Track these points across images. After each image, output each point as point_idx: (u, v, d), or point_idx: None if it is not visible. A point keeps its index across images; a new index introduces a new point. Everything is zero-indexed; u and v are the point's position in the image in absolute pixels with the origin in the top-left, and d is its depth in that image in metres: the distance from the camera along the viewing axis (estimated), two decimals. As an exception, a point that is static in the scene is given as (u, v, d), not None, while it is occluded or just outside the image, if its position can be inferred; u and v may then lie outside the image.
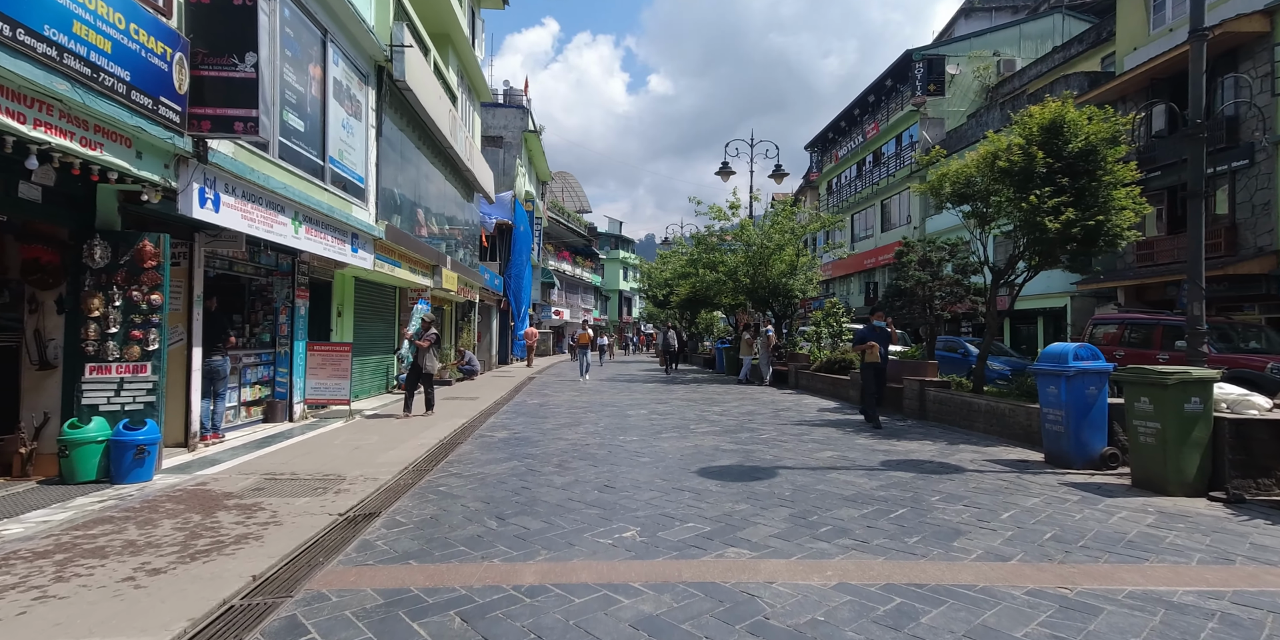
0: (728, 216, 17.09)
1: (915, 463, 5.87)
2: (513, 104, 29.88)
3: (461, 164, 15.14)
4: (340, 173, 8.78)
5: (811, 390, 13.14)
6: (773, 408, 10.52)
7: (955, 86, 28.03)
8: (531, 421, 8.94)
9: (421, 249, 12.02)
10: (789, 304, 16.74)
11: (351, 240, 8.95)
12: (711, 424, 8.55)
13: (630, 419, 9.13)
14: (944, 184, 8.23)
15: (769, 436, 7.43)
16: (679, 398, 12.28)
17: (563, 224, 40.40)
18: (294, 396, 8.48)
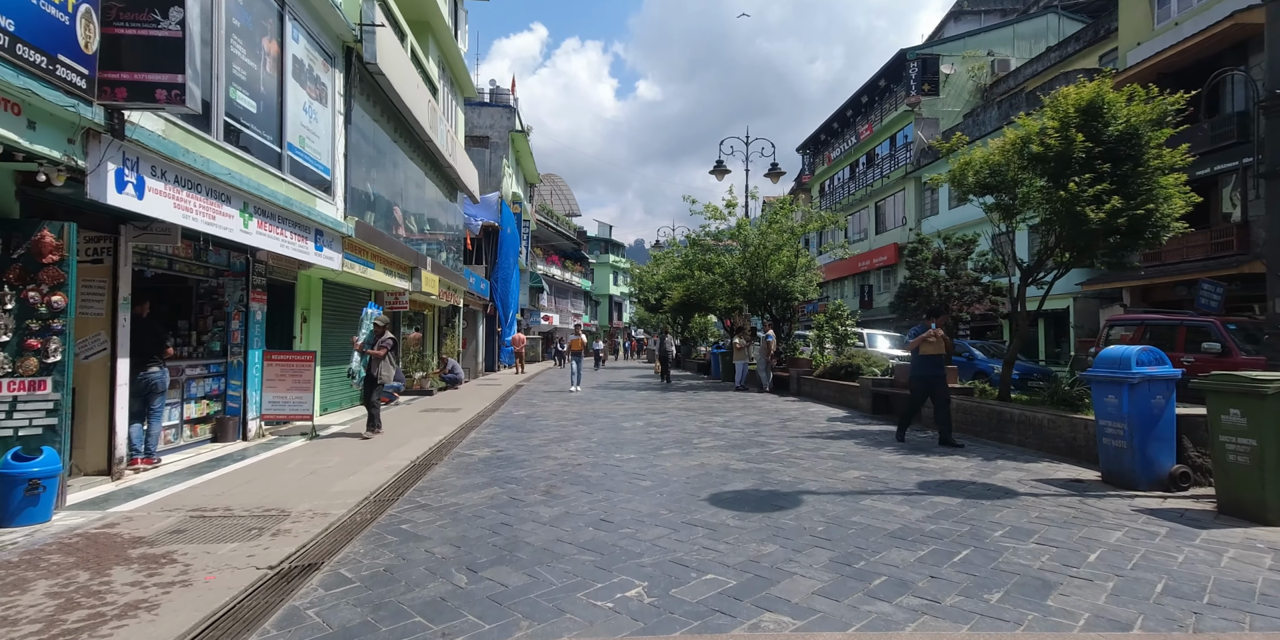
0: (724, 216, 16.36)
1: (956, 484, 5.09)
2: (499, 103, 29.08)
3: (443, 160, 14.29)
4: (302, 162, 7.92)
5: (816, 397, 12.38)
6: (778, 418, 9.73)
7: (950, 86, 27.61)
8: (517, 437, 8.09)
9: (398, 249, 11.15)
10: (788, 307, 16.00)
11: (315, 237, 8.08)
12: (715, 438, 7.74)
13: (626, 432, 8.31)
14: (967, 173, 7.52)
15: (782, 452, 6.63)
16: (676, 407, 11.47)
17: (551, 227, 39.57)
18: (248, 412, 7.57)
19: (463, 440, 7.82)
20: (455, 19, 16.71)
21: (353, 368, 7.83)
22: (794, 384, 13.58)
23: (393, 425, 8.87)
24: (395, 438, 7.72)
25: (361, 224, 9.37)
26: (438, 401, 12.37)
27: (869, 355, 11.64)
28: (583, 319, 49.31)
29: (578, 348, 15.64)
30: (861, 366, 11.22)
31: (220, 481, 5.44)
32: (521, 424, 9.32)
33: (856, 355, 11.66)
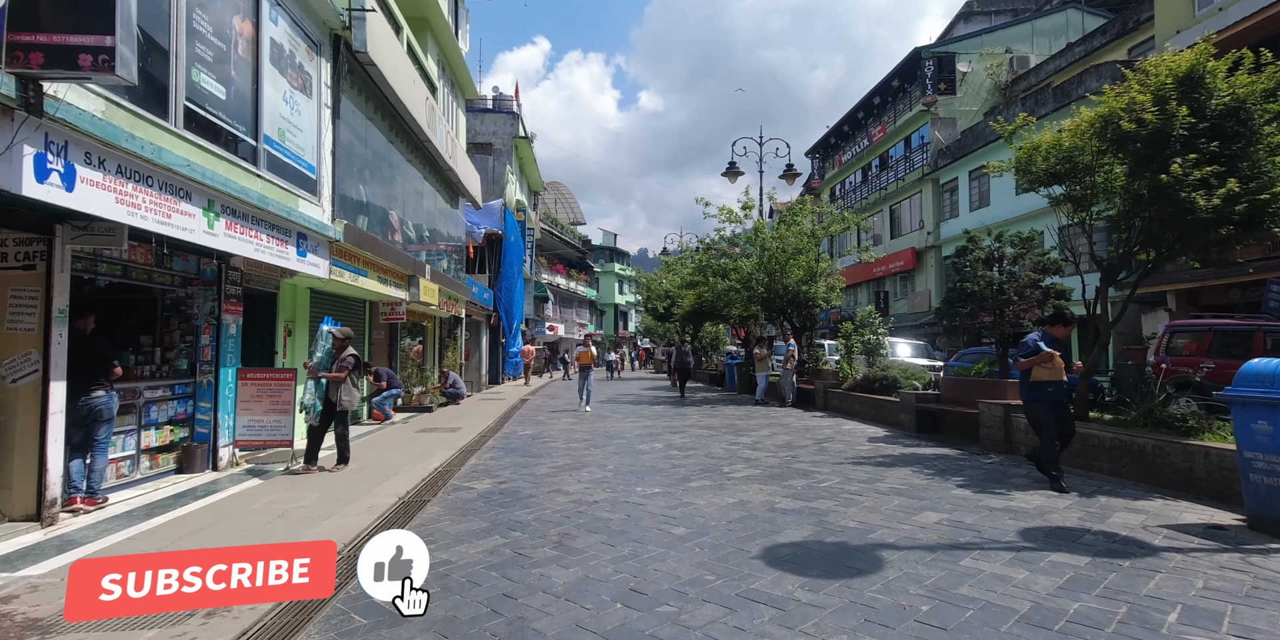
0: (739, 219, 15.48)
1: (1067, 534, 4.14)
2: (502, 109, 28.44)
3: (443, 163, 13.50)
4: (282, 158, 7.10)
5: (847, 413, 11.41)
6: (812, 437, 8.78)
7: (967, 85, 26.77)
8: (522, 463, 7.16)
9: (393, 256, 10.31)
10: (808, 314, 15.07)
11: (297, 241, 7.23)
12: (748, 464, 6.80)
13: (645, 457, 7.38)
14: (1035, 160, 6.61)
15: (832, 484, 5.68)
16: (696, 424, 10.52)
17: (556, 236, 38.86)
18: (219, 439, 6.69)
19: (461, 468, 6.90)
20: (456, 17, 16.00)
21: (305, 402, 6.67)
22: (820, 398, 12.62)
23: (385, 450, 7.97)
24: (384, 467, 6.81)
25: (351, 228, 8.54)
26: (437, 419, 11.47)
27: (905, 367, 10.68)
28: (588, 328, 48.45)
29: (586, 361, 13.38)
30: (899, 379, 10.26)
31: (168, 528, 4.54)
32: (527, 447, 8.40)
33: (892, 367, 10.70)
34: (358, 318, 11.10)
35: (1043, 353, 5.45)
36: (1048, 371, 5.47)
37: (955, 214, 25.14)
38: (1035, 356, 5.48)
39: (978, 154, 23.30)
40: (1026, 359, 5.54)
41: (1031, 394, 5.58)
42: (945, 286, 23.99)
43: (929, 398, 8.92)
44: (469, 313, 19.34)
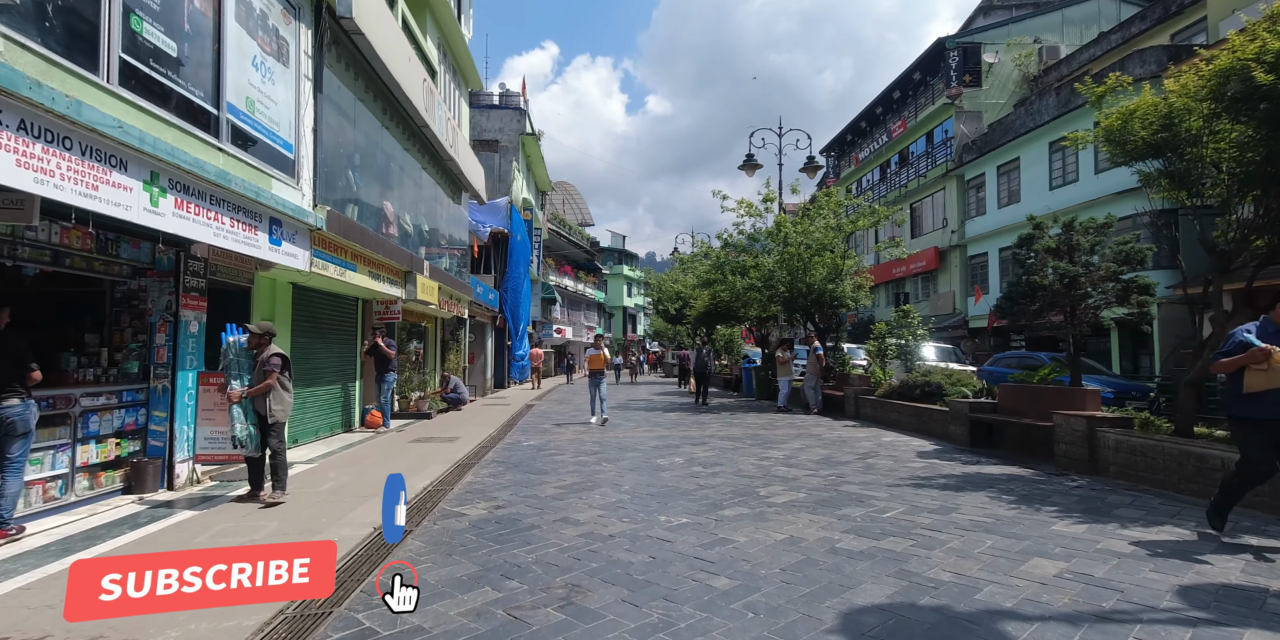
0: (759, 212, 14.50)
1: (1239, 594, 3.14)
2: (509, 106, 27.65)
3: (443, 152, 12.63)
4: (250, 131, 6.21)
5: (882, 422, 10.38)
6: (851, 451, 7.78)
7: (993, 77, 25.70)
8: (525, 481, 6.22)
9: (386, 249, 9.42)
10: (834, 315, 14.06)
11: (270, 227, 6.35)
12: (788, 485, 5.82)
13: (665, 475, 6.41)
14: (1132, 125, 5.60)
15: (897, 514, 4.70)
16: (717, 435, 9.54)
17: (564, 237, 38.01)
18: (176, 453, 5.80)
19: (454, 488, 5.96)
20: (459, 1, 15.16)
21: (238, 435, 5.31)
22: (850, 405, 11.60)
23: (369, 464, 7.05)
24: (364, 486, 5.88)
25: (336, 215, 7.65)
26: (435, 427, 10.55)
27: (950, 372, 9.66)
28: (596, 331, 47.57)
29: (598, 366, 11.40)
30: (943, 386, 9.24)
31: (76, 575, 3.62)
32: (531, 461, 7.45)
33: (934, 372, 9.68)
34: (349, 318, 10.22)
35: (1255, 349, 3.75)
36: (1263, 376, 3.73)
37: (982, 212, 24.04)
38: (1243, 355, 3.80)
39: (1007, 147, 22.22)
40: (1230, 358, 3.89)
41: (1244, 409, 3.88)
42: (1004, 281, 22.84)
43: (984, 407, 7.90)
44: (473, 314, 18.47)
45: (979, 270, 24.37)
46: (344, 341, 10.06)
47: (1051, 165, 20.54)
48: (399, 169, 11.24)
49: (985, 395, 8.52)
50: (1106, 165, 18.64)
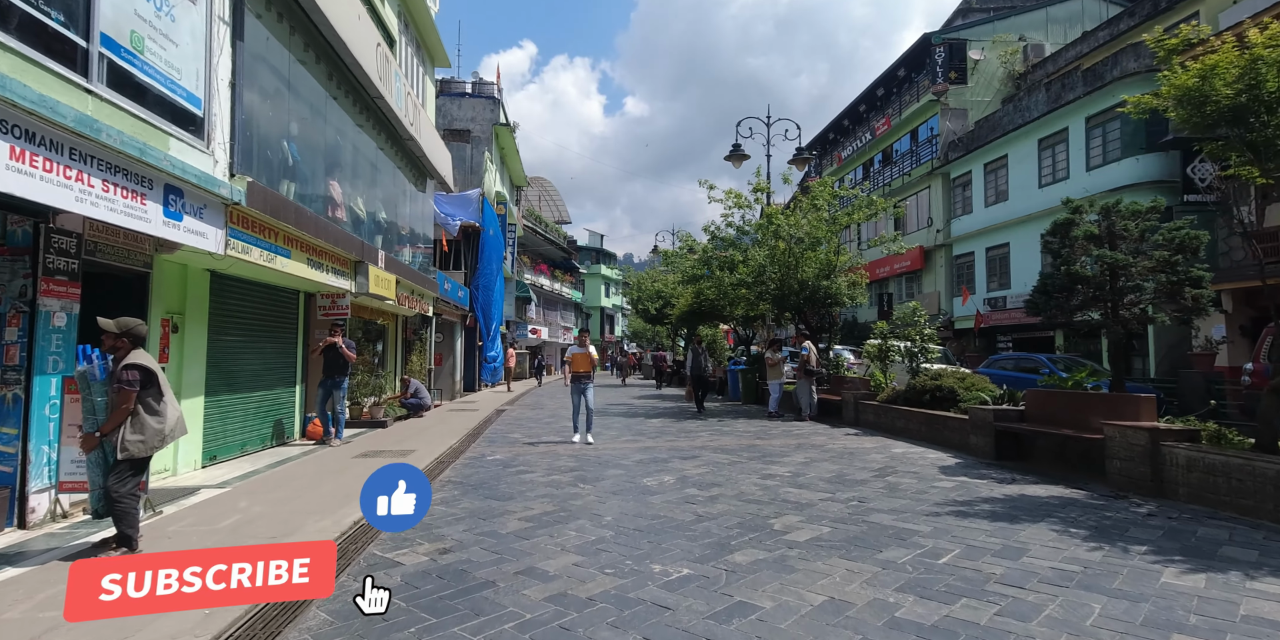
0: (748, 204, 13.54)
1: None
2: (482, 94, 26.33)
3: (402, 131, 11.40)
4: (137, 74, 4.98)
5: (888, 430, 9.45)
6: (865, 466, 6.80)
7: (979, 74, 25.23)
8: (483, 511, 5.09)
9: (331, 235, 8.19)
10: (827, 314, 13.16)
11: (165, 197, 5.12)
12: (803, 513, 4.79)
13: (655, 499, 5.34)
14: (1212, 85, 4.69)
15: (954, 559, 3.69)
16: (708, 445, 8.51)
17: (540, 234, 36.74)
18: (30, 481, 4.54)
19: (394, 521, 4.79)
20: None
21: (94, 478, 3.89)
22: (849, 411, 10.66)
23: (293, 489, 5.82)
24: (273, 523, 4.68)
25: (260, 189, 6.42)
26: (388, 438, 9.32)
27: (962, 375, 8.76)
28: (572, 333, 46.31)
29: (583, 368, 8.85)
30: (958, 390, 8.33)
31: None
32: (494, 481, 6.31)
33: (947, 375, 8.77)
34: (287, 313, 8.94)
35: None
36: None
37: (969, 210, 23.49)
38: None
39: (995, 145, 21.69)
40: None
41: None
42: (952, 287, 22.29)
43: (1009, 416, 6.99)
44: (440, 312, 17.19)
45: (965, 270, 23.82)
46: (281, 341, 8.78)
47: (1041, 162, 20.03)
48: (351, 147, 10.00)
49: (1007, 401, 7.62)
50: (1099, 162, 18.18)
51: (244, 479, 6.30)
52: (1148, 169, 16.41)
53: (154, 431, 3.84)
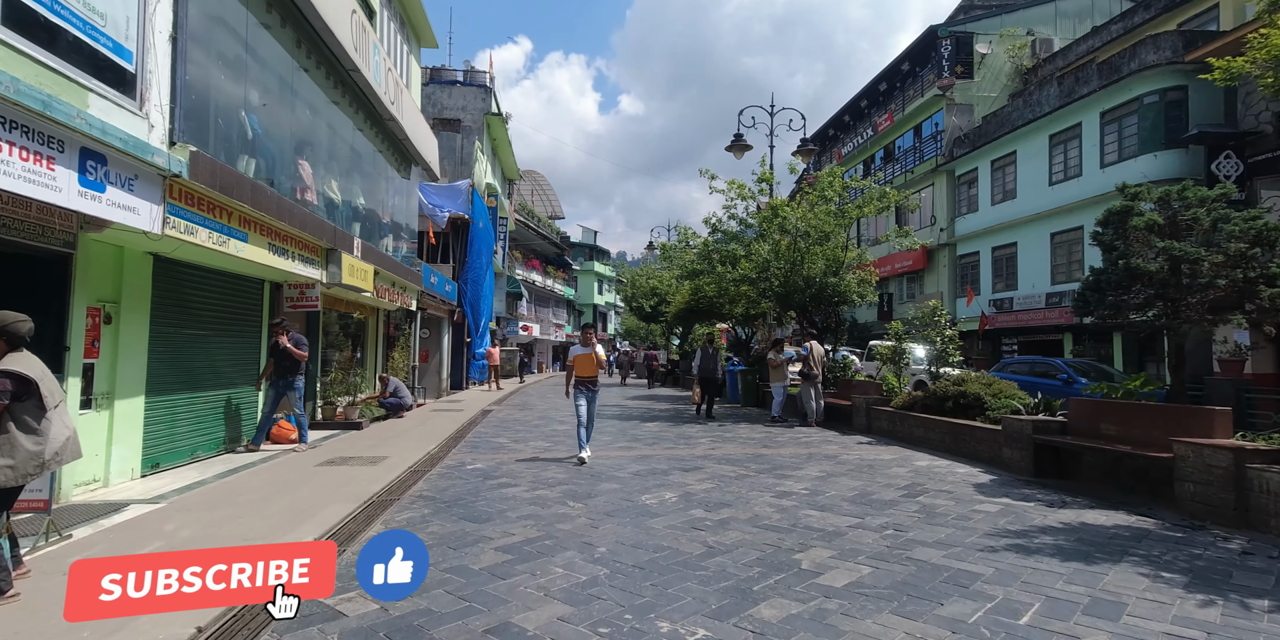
0: (752, 195, 12.80)
1: None
2: (474, 83, 25.46)
3: (382, 109, 10.57)
4: (45, 13, 4.16)
5: (903, 438, 8.74)
6: (888, 481, 6.08)
7: (985, 68, 24.59)
8: (455, 536, 4.32)
9: (297, 217, 7.38)
10: (834, 313, 12.45)
11: (81, 163, 4.31)
12: (834, 546, 4.06)
13: (656, 524, 4.58)
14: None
15: (1041, 616, 2.96)
16: (711, 455, 7.76)
17: (532, 229, 35.89)
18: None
19: (345, 551, 4.01)
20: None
21: None
22: (860, 417, 9.95)
23: (237, 507, 5.00)
24: (205, 552, 3.87)
25: (207, 160, 5.60)
26: (361, 442, 8.51)
27: (989, 379, 8.05)
28: (565, 330, 45.49)
29: (588, 372, 7.40)
30: (984, 397, 7.62)
31: None
32: (472, 496, 5.54)
33: (971, 380, 8.06)
34: (250, 304, 8.12)
35: None
36: None
37: (974, 208, 22.88)
38: None
39: (1003, 141, 21.06)
40: None
41: None
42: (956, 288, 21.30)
43: (1050, 427, 6.28)
44: (425, 306, 16.37)
45: (970, 270, 23.20)
46: (241, 334, 7.95)
47: (1052, 159, 19.40)
48: (326, 126, 9.18)
49: (1043, 411, 6.92)
50: (1115, 158, 17.55)
51: (185, 492, 5.50)
52: (1167, 165, 15.77)
53: (28, 455, 3.02)
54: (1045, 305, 19.25)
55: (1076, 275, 18.56)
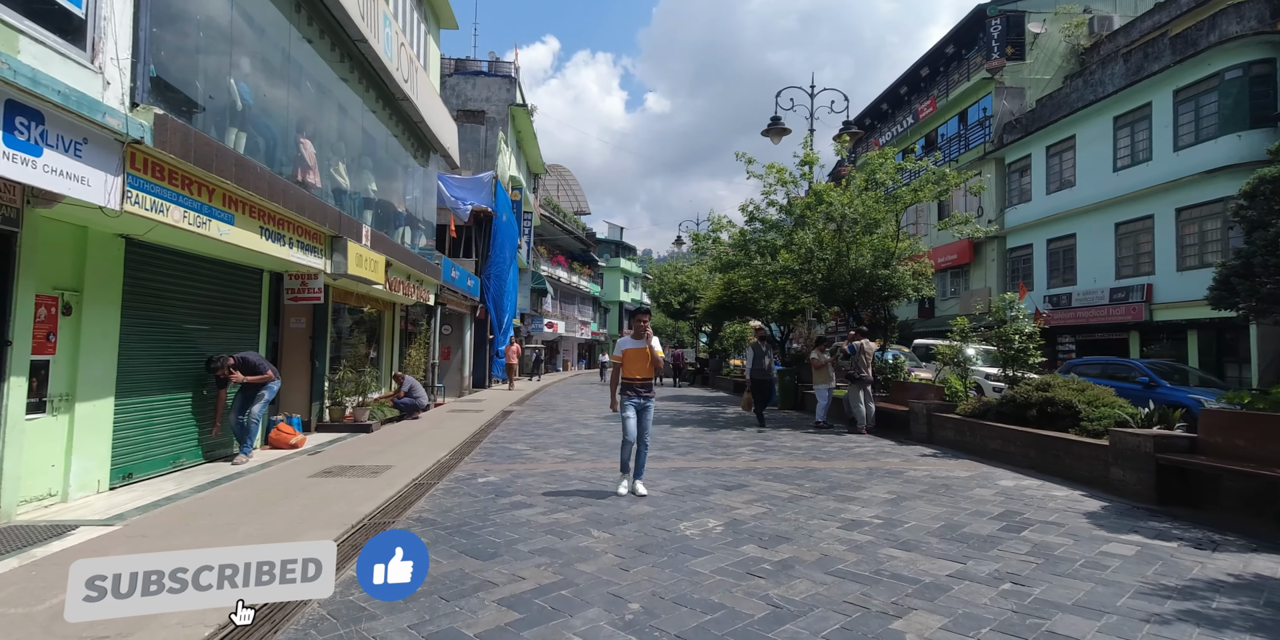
0: (793, 180, 11.77)
1: None
2: (498, 73, 24.78)
3: (395, 88, 9.81)
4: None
5: (974, 450, 7.67)
6: (976, 508, 5.06)
7: (1038, 49, 23.03)
8: (450, 578, 3.47)
9: (294, 199, 6.61)
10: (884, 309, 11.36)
11: (7, 118, 3.55)
12: (935, 605, 3.10)
13: (701, 567, 3.66)
14: None
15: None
16: (755, 468, 6.81)
17: (558, 224, 35.20)
18: None
19: (296, 617, 3.18)
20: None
21: None
22: (920, 425, 8.88)
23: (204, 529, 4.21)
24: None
25: (178, 127, 4.83)
26: (366, 447, 7.76)
27: (1080, 385, 6.92)
28: (590, 327, 44.75)
29: (640, 373, 5.64)
30: (1078, 404, 6.52)
31: None
32: (478, 521, 4.68)
33: (1059, 385, 6.94)
34: (246, 296, 7.42)
35: None
36: None
37: (1026, 198, 21.40)
38: None
39: (1060, 125, 19.56)
40: None
41: None
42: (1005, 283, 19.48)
43: (1177, 444, 5.18)
44: (447, 302, 15.70)
45: (1021, 264, 21.73)
46: (238, 329, 7.25)
47: (1117, 143, 17.89)
48: (331, 102, 8.44)
49: (1158, 423, 5.80)
50: (1190, 140, 16.00)
51: (150, 510, 4.75)
52: (1252, 147, 14.26)
53: None
54: (1109, 301, 17.77)
55: (1145, 269, 17.07)
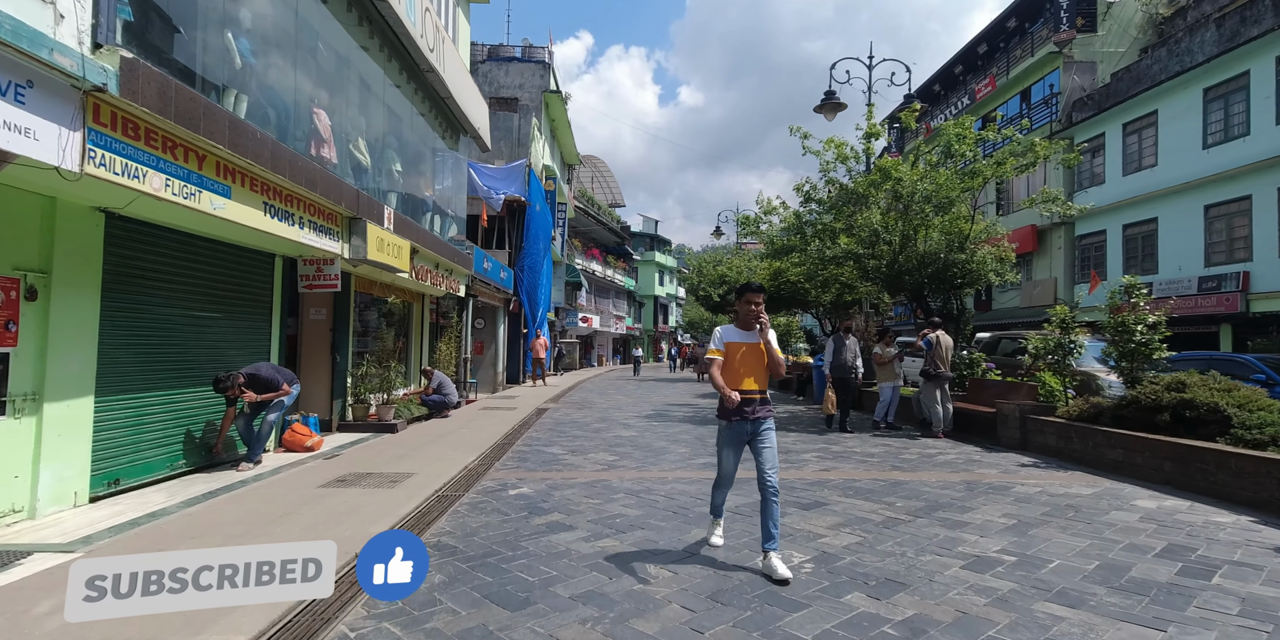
0: (854, 155, 10.66)
1: None
2: (531, 59, 24.05)
3: (420, 59, 9.06)
4: None
5: (1085, 461, 6.51)
6: (1132, 542, 3.99)
7: (1111, 20, 21.19)
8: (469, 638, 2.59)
9: (303, 172, 5.87)
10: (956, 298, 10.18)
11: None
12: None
13: (798, 627, 2.73)
14: None
15: None
16: (827, 480, 5.82)
17: (592, 216, 34.40)
18: None
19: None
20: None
21: None
22: (1011, 429, 7.73)
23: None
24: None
25: (151, 74, 4.07)
26: (388, 450, 7.02)
27: (1228, 385, 5.73)
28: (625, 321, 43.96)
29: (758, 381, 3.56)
30: (1225, 408, 5.33)
31: None
32: (507, 548, 3.83)
33: (1196, 385, 5.75)
34: (259, 282, 6.73)
35: None
36: None
37: (1098, 181, 19.70)
38: None
39: (1140, 100, 17.84)
40: None
41: None
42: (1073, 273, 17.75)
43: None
44: (480, 294, 15.03)
45: (1093, 252, 20.04)
46: (247, 318, 6.57)
47: (1209, 117, 16.15)
48: (353, 74, 7.71)
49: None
50: (1301, 110, 14.27)
51: (126, 529, 4.04)
52: (1377, 115, 12.51)
53: None
54: (1198, 291, 16.10)
55: (1240, 255, 15.40)
